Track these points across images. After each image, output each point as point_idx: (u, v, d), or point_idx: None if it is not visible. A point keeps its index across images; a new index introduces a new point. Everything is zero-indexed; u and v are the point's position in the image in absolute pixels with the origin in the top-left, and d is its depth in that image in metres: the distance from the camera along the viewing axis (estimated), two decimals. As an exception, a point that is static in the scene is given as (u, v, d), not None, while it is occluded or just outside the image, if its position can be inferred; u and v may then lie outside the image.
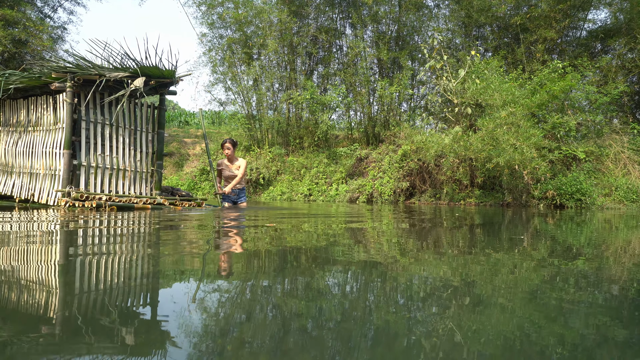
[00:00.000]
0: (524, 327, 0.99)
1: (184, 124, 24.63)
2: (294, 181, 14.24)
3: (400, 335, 0.94)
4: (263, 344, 0.88)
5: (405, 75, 13.91)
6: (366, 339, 0.91)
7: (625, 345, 0.91)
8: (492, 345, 0.89)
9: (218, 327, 0.98)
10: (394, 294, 1.32)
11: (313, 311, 1.11)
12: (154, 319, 1.03)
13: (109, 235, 2.62)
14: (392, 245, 2.48)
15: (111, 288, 1.28)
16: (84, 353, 0.81)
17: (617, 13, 12.18)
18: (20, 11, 13.94)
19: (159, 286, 1.36)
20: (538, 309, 1.13)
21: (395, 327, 0.99)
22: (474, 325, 1.00)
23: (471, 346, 0.88)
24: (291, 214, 5.51)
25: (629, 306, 1.21)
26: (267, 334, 0.94)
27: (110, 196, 5.39)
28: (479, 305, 1.17)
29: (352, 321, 1.02)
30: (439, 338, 0.92)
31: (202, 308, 1.11)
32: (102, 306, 1.10)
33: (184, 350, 0.83)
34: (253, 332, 0.95)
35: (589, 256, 2.18)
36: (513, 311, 1.12)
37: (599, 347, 0.90)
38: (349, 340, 0.90)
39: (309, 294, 1.29)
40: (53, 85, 5.34)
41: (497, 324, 1.02)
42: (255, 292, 1.30)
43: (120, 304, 1.13)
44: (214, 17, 15.93)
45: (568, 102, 10.21)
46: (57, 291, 1.25)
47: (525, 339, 0.91)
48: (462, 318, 1.05)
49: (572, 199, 8.28)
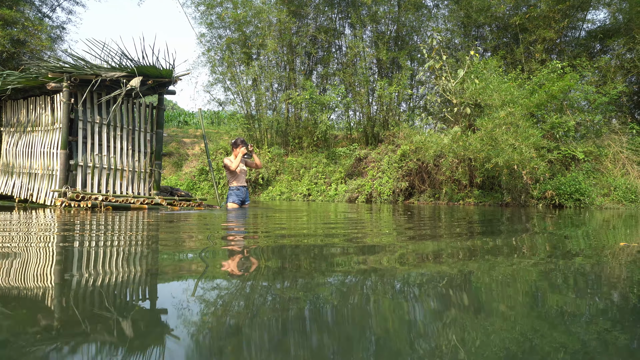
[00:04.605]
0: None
1: (183, 124, 24.61)
2: (293, 181, 14.23)
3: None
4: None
5: (405, 75, 13.91)
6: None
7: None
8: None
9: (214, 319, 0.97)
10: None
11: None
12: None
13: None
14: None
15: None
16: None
17: (616, 13, 12.18)
18: (18, 11, 13.91)
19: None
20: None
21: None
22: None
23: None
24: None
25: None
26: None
27: (107, 196, 5.38)
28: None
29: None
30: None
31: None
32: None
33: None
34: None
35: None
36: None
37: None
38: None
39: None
40: (49, 85, 5.33)
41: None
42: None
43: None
44: (212, 17, 15.93)
45: (567, 102, 10.20)
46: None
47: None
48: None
49: (571, 199, 8.27)
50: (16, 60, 13.39)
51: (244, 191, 6.29)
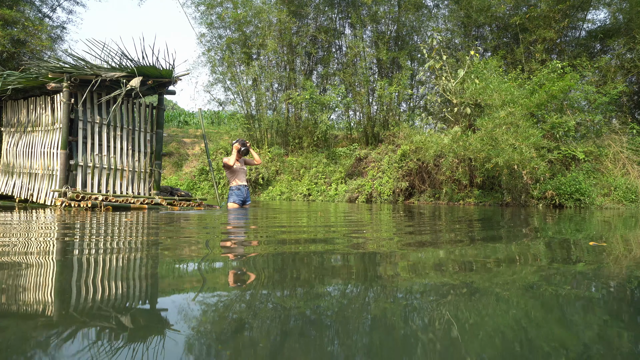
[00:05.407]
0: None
1: (183, 124, 24.61)
2: (293, 181, 14.23)
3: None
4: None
5: (405, 75, 13.90)
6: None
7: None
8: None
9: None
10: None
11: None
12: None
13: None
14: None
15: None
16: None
17: (616, 13, 12.17)
18: (19, 11, 13.91)
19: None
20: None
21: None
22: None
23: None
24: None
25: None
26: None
27: (107, 196, 5.38)
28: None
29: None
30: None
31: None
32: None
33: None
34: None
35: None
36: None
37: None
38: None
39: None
40: (50, 85, 5.34)
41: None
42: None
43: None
44: (213, 17, 15.93)
45: (567, 102, 10.20)
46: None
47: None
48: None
49: (571, 198, 8.27)
50: (16, 60, 13.39)
51: (244, 190, 6.28)
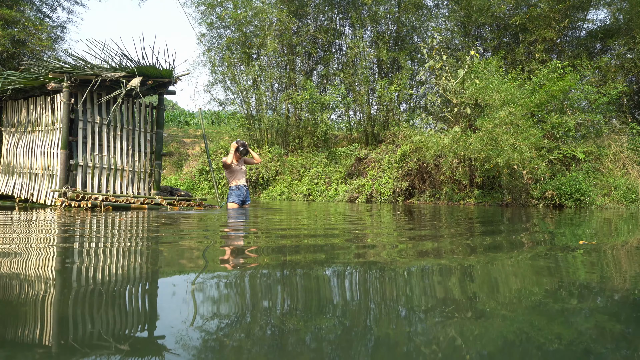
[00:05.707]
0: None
1: (183, 124, 24.62)
2: (293, 181, 14.23)
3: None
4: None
5: (405, 75, 13.91)
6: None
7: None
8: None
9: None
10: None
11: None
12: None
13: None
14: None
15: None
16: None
17: (616, 13, 12.17)
18: (19, 11, 13.92)
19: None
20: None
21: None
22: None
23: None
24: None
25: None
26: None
27: (107, 196, 5.38)
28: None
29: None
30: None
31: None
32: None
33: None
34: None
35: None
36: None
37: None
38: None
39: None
40: (50, 85, 5.34)
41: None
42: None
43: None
44: (213, 17, 15.94)
45: (567, 102, 10.20)
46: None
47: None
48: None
49: (571, 198, 8.27)
50: (16, 60, 13.40)
51: (244, 190, 6.29)
